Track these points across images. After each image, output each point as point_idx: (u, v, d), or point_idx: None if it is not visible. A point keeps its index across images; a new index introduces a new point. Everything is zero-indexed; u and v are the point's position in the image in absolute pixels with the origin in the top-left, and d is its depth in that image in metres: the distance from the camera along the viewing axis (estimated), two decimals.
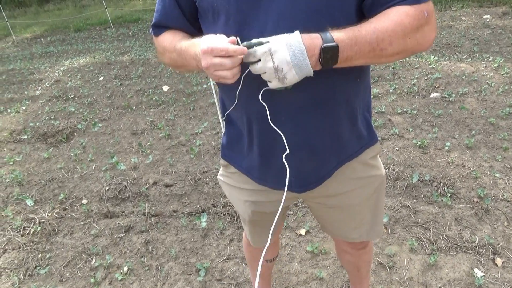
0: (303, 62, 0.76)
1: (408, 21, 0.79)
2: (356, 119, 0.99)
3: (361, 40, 0.78)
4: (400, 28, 0.78)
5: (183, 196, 2.63)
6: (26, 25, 12.02)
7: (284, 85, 0.80)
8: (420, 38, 0.81)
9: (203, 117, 3.85)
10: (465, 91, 3.58)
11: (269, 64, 0.77)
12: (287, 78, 0.78)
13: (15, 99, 5.23)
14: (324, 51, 0.76)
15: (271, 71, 0.77)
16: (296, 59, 0.76)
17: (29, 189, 2.96)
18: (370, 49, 0.79)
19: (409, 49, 0.82)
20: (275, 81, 0.79)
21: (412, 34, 0.79)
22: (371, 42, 0.78)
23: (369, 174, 1.07)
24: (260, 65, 0.78)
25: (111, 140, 3.63)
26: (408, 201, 2.28)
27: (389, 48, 0.79)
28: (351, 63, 0.81)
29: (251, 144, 1.02)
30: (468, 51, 4.67)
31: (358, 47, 0.78)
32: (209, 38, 0.80)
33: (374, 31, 0.78)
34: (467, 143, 2.78)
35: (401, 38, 0.79)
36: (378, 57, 0.81)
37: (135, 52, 6.96)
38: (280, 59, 0.76)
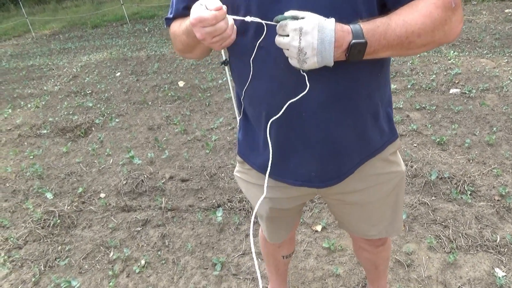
0: (328, 52, 0.76)
1: (437, 13, 0.77)
2: (378, 114, 0.97)
3: (390, 34, 0.77)
4: (429, 21, 0.77)
5: (199, 191, 2.64)
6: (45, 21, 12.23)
7: (301, 67, 0.79)
8: (447, 30, 0.80)
9: (218, 113, 3.86)
10: (485, 87, 3.50)
11: (295, 43, 0.75)
12: (306, 63, 0.77)
13: (35, 94, 5.34)
14: (353, 46, 0.76)
15: (295, 50, 0.76)
16: (322, 48, 0.75)
17: (49, 182, 3.02)
18: (398, 42, 0.78)
19: (436, 40, 0.81)
20: (294, 60, 0.78)
21: (440, 26, 0.78)
22: (400, 36, 0.77)
23: (389, 170, 1.05)
24: (286, 41, 0.76)
25: (128, 135, 3.67)
26: (427, 199, 2.25)
27: (417, 41, 0.79)
28: (376, 55, 0.80)
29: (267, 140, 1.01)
30: (489, 46, 4.55)
31: (387, 41, 0.77)
32: (194, 10, 0.79)
33: (403, 24, 0.77)
34: (488, 140, 2.71)
35: (430, 31, 0.78)
36: (405, 49, 0.80)
37: (151, 48, 7.02)
38: (307, 41, 0.75)
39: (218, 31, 0.79)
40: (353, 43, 0.75)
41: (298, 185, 1.03)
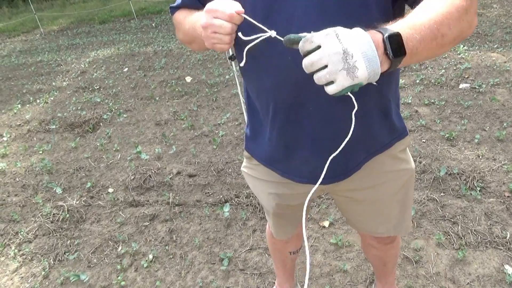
0: (372, 53, 0.62)
1: (459, 1, 0.73)
2: (390, 111, 0.96)
3: (420, 28, 0.69)
4: (454, 9, 0.72)
5: (206, 186, 2.65)
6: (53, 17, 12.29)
7: (353, 81, 0.62)
8: (470, 20, 0.75)
9: (225, 108, 3.85)
10: (496, 81, 3.45)
11: (335, 47, 0.61)
12: (358, 69, 0.61)
13: (44, 90, 5.38)
14: (390, 41, 0.64)
15: (338, 57, 0.60)
16: (364, 49, 0.62)
17: (58, 177, 3.05)
18: (432, 36, 0.69)
19: (464, 32, 0.75)
20: (342, 75, 0.61)
21: (464, 16, 0.73)
22: (432, 29, 0.69)
23: (398, 168, 1.04)
24: (321, 53, 0.61)
25: (136, 130, 3.69)
26: (435, 195, 2.23)
27: (449, 33, 0.71)
28: (416, 56, 0.70)
29: (274, 135, 1.00)
30: (500, 40, 4.48)
31: (420, 35, 0.68)
32: (218, 1, 0.78)
33: (430, 17, 0.70)
34: (498, 135, 2.68)
35: (457, 20, 0.72)
36: (440, 46, 0.72)
37: (158, 43, 7.02)
38: (349, 41, 0.61)
39: (222, 30, 0.77)
40: (388, 36, 0.64)
41: (304, 183, 1.02)
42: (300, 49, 0.65)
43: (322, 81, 0.63)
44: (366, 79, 0.63)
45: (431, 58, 0.79)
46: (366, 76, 0.63)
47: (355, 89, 0.64)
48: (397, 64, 0.67)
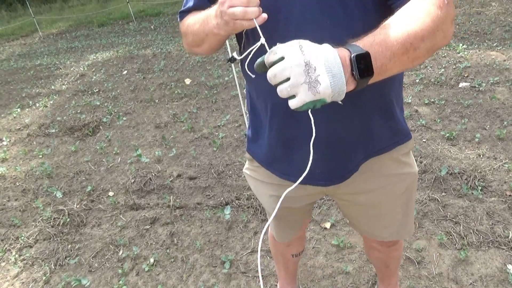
0: (337, 69, 0.61)
1: (434, 10, 0.71)
2: (392, 113, 0.95)
3: (392, 43, 0.67)
4: (430, 20, 0.70)
5: (206, 189, 2.64)
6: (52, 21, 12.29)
7: (314, 97, 0.60)
8: (445, 30, 0.72)
9: (225, 110, 3.85)
10: (496, 80, 3.44)
11: (297, 59, 0.59)
12: (320, 84, 0.59)
13: (43, 94, 5.37)
14: (357, 60, 0.62)
15: (300, 69, 0.59)
16: (329, 64, 0.60)
17: (58, 181, 3.04)
18: (403, 51, 0.68)
19: (438, 43, 0.72)
20: (304, 89, 0.60)
21: (440, 25, 0.71)
22: (404, 43, 0.67)
23: (400, 171, 1.03)
24: (283, 64, 0.60)
25: (135, 133, 3.68)
26: (437, 195, 2.22)
27: (422, 46, 0.70)
28: (385, 73, 0.69)
29: (273, 136, 1.00)
30: (499, 39, 4.48)
31: (391, 52, 0.67)
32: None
33: (404, 29, 0.68)
34: (499, 134, 2.67)
35: (432, 32, 0.70)
36: (412, 60, 0.70)
37: (157, 45, 7.02)
38: (311, 53, 0.60)
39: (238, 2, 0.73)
40: (356, 56, 0.62)
41: (302, 183, 1.02)
42: (265, 61, 0.64)
43: (284, 94, 0.62)
44: (329, 96, 0.61)
45: (405, 69, 0.77)
46: (330, 93, 0.61)
47: (317, 105, 0.62)
48: (364, 84, 0.65)
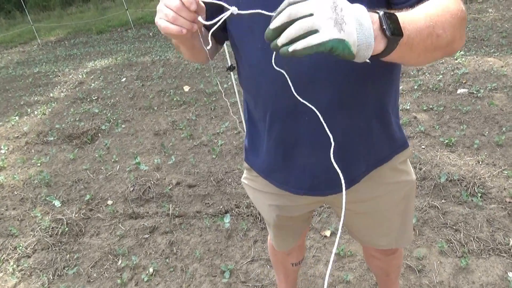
0: (365, 20, 0.57)
1: (455, 8, 0.71)
2: (390, 122, 0.95)
3: (416, 20, 0.65)
4: (449, 14, 0.70)
5: (206, 197, 2.63)
6: (50, 28, 12.32)
7: (339, 35, 0.54)
8: (463, 33, 0.73)
9: (224, 117, 3.85)
10: (494, 86, 3.45)
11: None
12: (346, 23, 0.55)
13: (42, 101, 5.37)
14: (386, 16, 0.60)
15: (327, 5, 0.55)
16: (356, 13, 0.57)
17: (56, 190, 3.03)
18: (428, 33, 0.66)
19: (456, 41, 0.72)
20: (329, 24, 0.54)
21: (458, 24, 0.71)
22: (428, 26, 0.66)
23: (398, 179, 1.03)
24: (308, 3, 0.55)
25: (134, 140, 3.68)
26: (437, 202, 2.22)
27: (444, 35, 0.69)
28: (411, 49, 0.66)
29: (272, 144, 0.99)
30: (496, 45, 4.50)
31: (418, 27, 0.65)
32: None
33: (425, 13, 0.68)
34: (497, 140, 2.67)
35: (451, 25, 0.70)
36: (434, 48, 0.69)
37: (155, 52, 7.04)
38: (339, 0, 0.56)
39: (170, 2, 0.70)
40: (384, 13, 0.60)
41: (302, 194, 1.01)
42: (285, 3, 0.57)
43: (303, 27, 0.55)
44: (355, 43, 0.56)
45: (422, 61, 0.74)
46: (355, 39, 0.56)
47: (340, 49, 0.56)
48: (393, 45, 0.61)
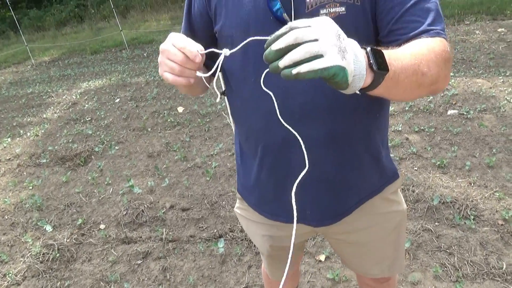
0: (359, 53, 0.61)
1: (440, 49, 0.75)
2: (380, 155, 0.97)
3: (402, 58, 0.69)
4: (433, 54, 0.73)
5: (200, 220, 2.62)
6: (45, 48, 12.38)
7: (342, 62, 0.57)
8: (447, 73, 0.77)
9: (218, 138, 3.86)
10: (483, 107, 3.52)
11: (331, 25, 0.58)
12: (347, 52, 0.58)
13: (34, 123, 5.35)
14: (373, 52, 0.63)
15: (333, 33, 0.57)
16: (352, 47, 0.61)
17: (48, 214, 2.99)
18: (413, 70, 0.70)
19: (440, 80, 0.76)
20: (334, 50, 0.56)
21: (442, 63, 0.75)
22: (413, 64, 0.70)
23: (389, 209, 1.05)
24: (314, 28, 0.57)
25: (128, 162, 3.67)
26: (430, 225, 2.23)
27: (429, 73, 0.72)
28: (397, 86, 0.70)
29: (263, 177, 1.00)
30: (484, 66, 4.60)
31: (402, 63, 0.69)
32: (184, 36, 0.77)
33: (411, 52, 0.71)
34: (488, 162, 2.71)
35: (435, 64, 0.73)
36: (418, 84, 0.73)
37: (150, 73, 7.08)
38: (340, 28, 0.60)
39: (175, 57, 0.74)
40: (371, 49, 0.64)
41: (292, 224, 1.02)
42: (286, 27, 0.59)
43: (310, 51, 0.56)
44: (352, 72, 0.59)
45: (408, 97, 0.78)
46: (352, 68, 0.59)
47: (340, 76, 0.58)
48: (379, 79, 0.64)
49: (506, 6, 6.80)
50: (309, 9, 0.80)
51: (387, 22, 0.80)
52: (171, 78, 0.75)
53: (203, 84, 0.96)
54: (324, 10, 0.80)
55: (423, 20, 0.77)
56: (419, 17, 0.77)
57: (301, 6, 0.81)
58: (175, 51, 0.73)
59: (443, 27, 0.79)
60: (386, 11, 0.80)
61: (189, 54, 0.73)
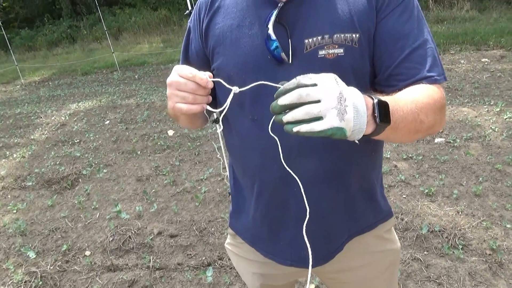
0: (362, 107, 0.64)
1: (437, 97, 0.78)
2: (375, 193, 0.98)
3: (403, 106, 0.72)
4: (432, 101, 0.77)
5: (188, 248, 2.58)
6: (35, 68, 12.35)
7: (340, 124, 0.60)
8: (442, 118, 0.81)
9: (208, 163, 3.85)
10: (469, 136, 3.59)
11: (334, 86, 0.61)
12: (347, 113, 0.61)
13: (21, 144, 5.28)
14: (379, 105, 0.67)
15: (334, 95, 0.60)
16: (355, 100, 0.63)
17: (32, 239, 2.91)
18: (412, 118, 0.73)
19: (436, 125, 0.79)
20: (333, 113, 0.60)
21: (438, 110, 0.78)
22: (413, 112, 0.73)
23: (383, 248, 1.04)
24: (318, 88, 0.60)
25: (116, 186, 3.62)
26: (419, 254, 2.23)
27: (426, 121, 0.76)
28: (395, 133, 0.73)
29: (258, 215, 1.00)
30: (469, 95, 4.73)
31: (404, 113, 0.72)
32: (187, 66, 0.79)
33: (412, 100, 0.75)
34: (475, 190, 2.75)
35: (433, 111, 0.77)
36: (416, 131, 0.76)
37: (140, 95, 7.09)
38: (344, 86, 0.63)
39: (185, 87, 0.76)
40: (378, 101, 0.67)
41: (287, 265, 1.01)
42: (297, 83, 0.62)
43: (311, 113, 0.60)
44: (350, 129, 0.62)
45: (404, 141, 0.81)
46: (351, 126, 0.62)
47: (337, 135, 0.62)
48: (380, 130, 0.68)
49: (489, 37, 7.05)
50: (308, 50, 0.82)
51: (387, 67, 0.83)
52: (185, 107, 0.77)
53: (204, 117, 0.98)
54: (322, 51, 0.82)
55: (421, 67, 0.80)
56: (418, 63, 0.81)
57: (299, 46, 0.83)
58: (184, 81, 0.76)
59: (440, 71, 0.82)
60: (385, 56, 0.83)
61: (200, 81, 0.75)
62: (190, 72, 0.76)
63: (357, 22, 0.82)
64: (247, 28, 0.87)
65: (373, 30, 0.83)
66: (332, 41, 0.81)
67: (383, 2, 0.83)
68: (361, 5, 0.83)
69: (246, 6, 0.89)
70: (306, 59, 0.83)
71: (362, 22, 0.82)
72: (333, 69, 0.80)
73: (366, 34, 0.82)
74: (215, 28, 0.92)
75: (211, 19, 0.94)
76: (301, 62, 0.83)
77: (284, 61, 0.83)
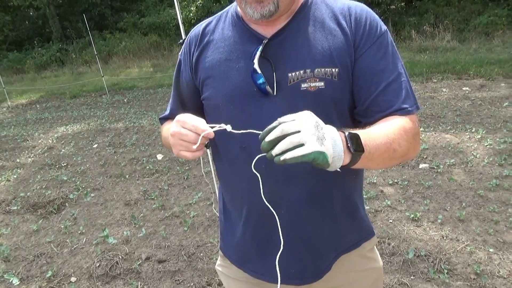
0: (338, 138, 0.73)
1: (409, 127, 0.86)
2: (358, 212, 1.04)
3: (375, 138, 0.80)
4: (403, 132, 0.85)
5: (176, 273, 2.56)
6: (22, 91, 12.29)
7: (321, 148, 0.67)
8: (416, 145, 0.88)
9: (197, 187, 3.86)
10: (452, 162, 3.70)
11: (310, 118, 0.70)
12: (326, 139, 0.69)
13: (6, 167, 5.21)
14: (350, 137, 0.75)
15: (312, 124, 0.69)
16: (331, 133, 0.72)
17: (16, 265, 2.85)
18: (385, 148, 0.81)
19: (410, 152, 0.87)
20: (313, 139, 0.67)
21: (412, 138, 0.86)
22: (385, 142, 0.81)
23: (367, 267, 1.09)
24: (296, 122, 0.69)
25: (103, 211, 3.59)
26: (406, 279, 2.26)
27: (399, 149, 0.83)
28: (371, 162, 0.80)
29: (247, 238, 1.05)
30: (452, 122, 4.88)
31: (376, 143, 0.79)
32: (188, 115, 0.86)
33: (384, 132, 0.82)
34: (459, 215, 2.82)
35: (406, 141, 0.84)
36: (391, 158, 0.83)
37: (129, 119, 7.11)
38: (319, 119, 0.72)
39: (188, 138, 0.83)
40: (349, 133, 0.75)
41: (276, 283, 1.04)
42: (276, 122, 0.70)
43: (293, 142, 0.67)
44: (331, 155, 0.70)
45: (382, 167, 0.92)
46: (332, 153, 0.70)
47: (320, 159, 0.68)
48: (356, 159, 0.76)
49: (469, 66, 7.34)
50: (291, 83, 0.89)
51: (365, 99, 0.91)
52: (190, 155, 0.85)
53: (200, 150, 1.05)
54: (305, 84, 0.88)
55: (396, 100, 0.88)
56: (393, 96, 0.89)
57: (283, 80, 0.90)
58: (187, 132, 0.82)
59: (413, 102, 0.90)
60: (363, 90, 0.91)
61: (201, 132, 0.82)
62: (192, 124, 0.82)
63: (336, 57, 0.89)
64: (235, 62, 0.94)
65: (352, 65, 0.91)
66: (314, 75, 0.88)
67: (360, 40, 0.90)
68: (339, 42, 0.90)
69: (234, 42, 0.96)
70: (289, 92, 0.90)
71: (340, 57, 0.90)
72: (315, 101, 0.87)
73: (345, 69, 0.90)
74: (205, 62, 0.99)
75: (201, 53, 1.01)
76: (285, 94, 0.90)
77: (269, 93, 0.89)
